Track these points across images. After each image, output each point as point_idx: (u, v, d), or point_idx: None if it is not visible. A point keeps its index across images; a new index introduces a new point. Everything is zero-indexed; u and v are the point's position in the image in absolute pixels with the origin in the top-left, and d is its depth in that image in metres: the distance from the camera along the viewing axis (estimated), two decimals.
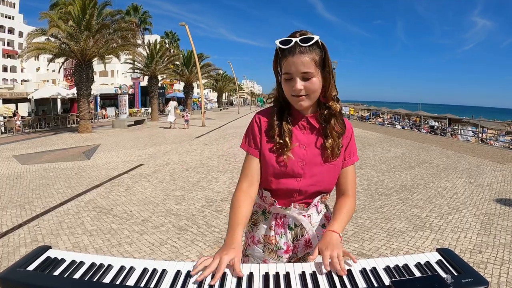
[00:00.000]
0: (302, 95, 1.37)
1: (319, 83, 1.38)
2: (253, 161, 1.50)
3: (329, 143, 1.45)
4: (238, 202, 1.45)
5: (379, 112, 39.04)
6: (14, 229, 4.80)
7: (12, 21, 58.68)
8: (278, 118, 1.48)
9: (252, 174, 1.50)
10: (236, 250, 1.23)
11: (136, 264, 1.16)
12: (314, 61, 1.34)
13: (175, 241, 4.38)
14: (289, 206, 1.50)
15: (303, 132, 1.48)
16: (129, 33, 19.01)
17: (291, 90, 1.37)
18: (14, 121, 20.04)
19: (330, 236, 1.33)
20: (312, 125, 1.48)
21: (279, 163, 1.45)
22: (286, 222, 1.54)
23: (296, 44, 1.33)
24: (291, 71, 1.34)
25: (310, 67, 1.34)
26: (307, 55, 1.33)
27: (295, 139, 1.47)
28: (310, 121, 1.48)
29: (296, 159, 1.45)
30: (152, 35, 55.46)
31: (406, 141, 14.74)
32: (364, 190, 6.74)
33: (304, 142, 1.47)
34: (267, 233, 1.57)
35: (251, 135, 1.53)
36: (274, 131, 1.46)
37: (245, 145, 1.54)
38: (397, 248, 4.12)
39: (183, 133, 17.92)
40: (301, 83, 1.35)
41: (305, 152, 1.46)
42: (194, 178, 7.81)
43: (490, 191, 6.57)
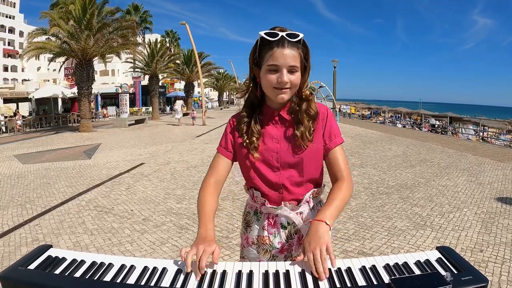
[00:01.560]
0: (286, 88, 1.38)
1: (299, 78, 1.41)
2: (221, 158, 1.56)
3: (299, 129, 1.45)
4: (207, 197, 1.48)
5: (380, 110, 39.02)
6: (15, 228, 4.81)
7: (12, 20, 58.69)
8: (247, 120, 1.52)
9: (219, 170, 1.55)
10: (214, 242, 1.26)
11: (136, 262, 1.16)
12: (300, 56, 1.38)
13: (176, 240, 4.38)
14: (280, 205, 1.50)
15: (276, 127, 1.50)
16: (129, 32, 19.01)
17: (276, 82, 1.37)
18: (15, 121, 20.06)
19: (316, 227, 1.27)
20: (283, 118, 1.49)
21: (253, 162, 1.48)
22: (278, 221, 1.54)
23: (283, 38, 1.35)
24: (279, 63, 1.35)
25: (297, 61, 1.37)
26: (295, 50, 1.36)
27: (267, 135, 1.49)
28: (282, 114, 1.49)
29: (270, 153, 1.47)
30: (152, 34, 55.41)
31: (407, 139, 14.73)
32: (365, 188, 6.74)
33: (276, 136, 1.49)
34: (260, 233, 1.57)
35: (224, 137, 1.58)
36: (242, 130, 1.51)
37: (219, 147, 1.59)
38: (398, 247, 4.12)
39: (184, 132, 17.91)
40: (288, 75, 1.36)
41: (278, 145, 1.47)
42: (195, 177, 7.82)
43: (491, 190, 6.57)
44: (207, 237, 1.28)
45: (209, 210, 1.44)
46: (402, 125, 26.09)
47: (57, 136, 17.01)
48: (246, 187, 1.62)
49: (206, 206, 1.45)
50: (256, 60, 1.44)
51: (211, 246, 1.21)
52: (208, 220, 1.39)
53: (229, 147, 1.55)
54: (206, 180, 1.55)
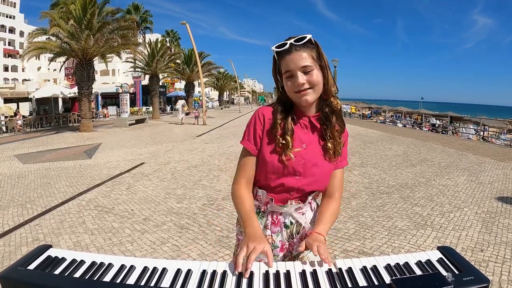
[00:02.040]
0: (306, 89, 1.38)
1: (320, 76, 1.40)
2: (251, 159, 1.52)
3: (331, 142, 1.46)
4: (243, 196, 1.48)
5: (380, 110, 38.98)
6: (15, 228, 4.81)
7: (13, 20, 58.70)
8: (281, 116, 1.47)
9: (250, 172, 1.52)
10: (265, 239, 1.30)
11: (136, 262, 1.16)
12: (311, 56, 1.38)
13: (177, 239, 4.38)
14: (286, 204, 1.51)
15: (304, 131, 1.49)
16: (129, 32, 19.01)
17: (294, 87, 1.38)
18: (16, 121, 20.07)
19: (316, 236, 1.38)
20: (314, 124, 1.48)
21: (280, 162, 1.45)
22: (282, 220, 1.55)
23: (291, 45, 1.38)
24: (290, 68, 1.37)
25: (308, 61, 1.37)
26: (303, 51, 1.37)
27: (297, 138, 1.47)
28: (312, 120, 1.48)
29: (297, 158, 1.45)
30: (153, 34, 55.43)
31: (408, 139, 14.72)
32: (365, 188, 6.73)
33: (305, 141, 1.47)
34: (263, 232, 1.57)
35: (253, 132, 1.51)
36: (276, 129, 1.45)
37: (246, 141, 1.52)
38: (398, 247, 4.12)
39: (184, 132, 17.91)
40: (303, 76, 1.37)
41: (306, 151, 1.47)
42: (195, 176, 7.82)
43: (491, 189, 6.56)
44: (256, 235, 1.31)
45: (250, 207, 1.46)
46: (403, 125, 26.07)
47: (58, 136, 17.01)
48: None
49: (246, 204, 1.46)
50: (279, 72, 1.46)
51: (261, 244, 1.24)
52: (252, 217, 1.42)
53: (257, 142, 1.50)
54: (237, 181, 1.54)
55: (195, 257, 3.88)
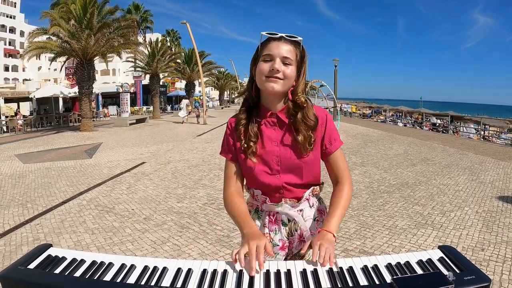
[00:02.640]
0: (278, 77, 1.38)
1: (294, 74, 1.42)
2: (233, 166, 1.55)
3: (301, 136, 1.45)
4: (235, 202, 1.49)
5: (381, 109, 38.97)
6: (16, 227, 4.81)
7: (13, 20, 58.65)
8: (244, 119, 1.50)
9: (234, 178, 1.54)
10: (264, 236, 1.30)
11: (136, 262, 1.15)
12: (295, 53, 1.41)
13: (177, 239, 4.38)
14: (280, 202, 1.51)
15: (274, 129, 1.49)
16: (130, 31, 19.01)
17: (268, 71, 1.38)
18: (16, 120, 20.08)
19: (324, 234, 1.35)
20: (282, 120, 1.48)
21: (251, 166, 1.48)
22: (279, 218, 1.55)
23: (281, 36, 1.40)
24: (272, 52, 1.38)
25: (292, 55, 1.39)
26: (291, 45, 1.40)
27: (266, 137, 1.48)
28: (279, 116, 1.48)
29: (271, 156, 1.47)
30: (153, 33, 55.49)
31: (408, 138, 14.71)
32: (366, 187, 6.73)
33: (276, 139, 1.48)
34: (261, 231, 1.56)
35: (225, 141, 1.57)
36: (239, 132, 1.49)
37: (223, 152, 1.58)
38: (399, 246, 4.11)
39: (185, 131, 17.90)
40: (281, 64, 1.37)
41: (278, 148, 1.47)
42: (196, 176, 7.82)
43: (492, 189, 6.55)
44: (254, 234, 1.30)
45: (244, 210, 1.46)
46: (403, 124, 26.06)
47: (58, 135, 17.02)
48: (246, 186, 1.62)
49: (240, 207, 1.47)
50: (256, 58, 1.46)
51: (261, 240, 1.24)
52: (247, 219, 1.42)
53: (231, 150, 1.54)
54: (226, 191, 1.55)
55: (195, 257, 3.88)
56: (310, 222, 1.56)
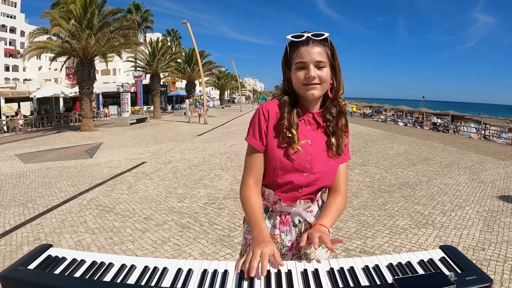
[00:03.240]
0: (315, 83, 1.38)
1: (330, 74, 1.41)
2: (258, 156, 1.48)
3: (335, 140, 1.47)
4: (251, 197, 1.45)
5: (382, 109, 38.98)
6: (17, 227, 4.81)
7: (13, 20, 58.69)
8: (289, 108, 1.45)
9: (258, 170, 1.49)
10: (271, 242, 1.27)
11: (137, 262, 1.15)
12: (326, 53, 1.39)
13: (178, 238, 4.38)
14: (295, 203, 1.50)
15: (308, 128, 1.48)
16: (130, 32, 19.01)
17: (304, 79, 1.38)
18: (17, 120, 20.08)
19: (319, 227, 1.39)
20: (318, 121, 1.49)
21: (288, 157, 1.43)
22: (290, 219, 1.54)
23: (308, 38, 1.38)
24: (305, 59, 1.37)
25: (324, 57, 1.38)
26: (320, 47, 1.38)
27: (302, 133, 1.46)
28: (316, 117, 1.48)
29: (304, 153, 1.44)
30: (154, 33, 55.53)
31: (409, 138, 14.71)
32: (366, 187, 6.72)
33: (309, 137, 1.47)
34: (271, 232, 1.55)
35: (258, 128, 1.47)
36: (284, 121, 1.42)
37: (251, 138, 1.48)
38: (399, 245, 4.11)
39: (185, 131, 17.89)
40: (315, 70, 1.37)
41: (311, 147, 1.46)
42: (196, 175, 7.81)
43: (493, 188, 6.55)
44: (264, 239, 1.29)
45: (259, 209, 1.44)
46: (404, 124, 26.05)
47: (59, 135, 17.03)
48: None
49: (254, 206, 1.44)
50: (288, 63, 1.46)
51: (268, 247, 1.22)
52: (260, 220, 1.40)
53: (262, 138, 1.46)
54: (245, 181, 1.49)
55: (196, 256, 3.88)
56: None
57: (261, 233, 1.33)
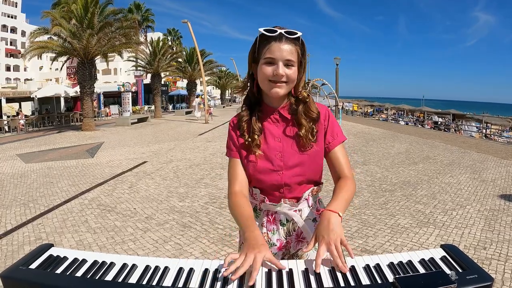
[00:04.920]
0: (282, 81, 1.37)
1: (297, 73, 1.40)
2: (236, 163, 1.51)
3: (302, 130, 1.45)
4: (239, 203, 1.42)
5: (383, 108, 38.92)
6: (18, 227, 4.82)
7: (14, 20, 58.71)
8: (247, 115, 1.50)
9: (241, 176, 1.50)
10: (265, 246, 1.19)
11: (138, 261, 1.15)
12: (296, 51, 1.38)
13: (179, 238, 4.38)
14: (279, 202, 1.50)
15: (277, 125, 1.49)
16: (131, 31, 19.01)
17: (271, 75, 1.37)
18: (18, 120, 20.09)
19: (328, 217, 1.26)
20: (284, 116, 1.48)
21: (253, 160, 1.46)
22: (277, 218, 1.54)
23: (281, 34, 1.36)
24: (275, 56, 1.35)
25: (294, 56, 1.37)
26: (292, 45, 1.37)
27: (269, 133, 1.48)
28: (282, 113, 1.48)
29: (273, 152, 1.46)
30: (154, 32, 55.54)
31: (410, 137, 14.69)
32: (368, 186, 6.72)
33: (278, 135, 1.48)
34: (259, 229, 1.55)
35: (230, 140, 1.55)
36: (243, 128, 1.48)
37: (228, 150, 1.56)
38: (401, 244, 4.11)
39: (187, 130, 17.89)
40: (284, 68, 1.36)
41: (281, 144, 1.46)
42: (197, 175, 7.82)
43: (494, 187, 6.54)
44: (257, 242, 1.20)
45: (248, 212, 1.39)
46: (405, 122, 26.03)
47: (60, 135, 17.05)
48: None
49: (244, 208, 1.39)
50: (255, 56, 1.44)
51: (261, 252, 1.13)
52: (251, 222, 1.33)
53: (236, 146, 1.52)
54: (231, 190, 1.48)
55: (197, 256, 3.88)
56: (308, 223, 1.54)
57: (255, 237, 1.23)
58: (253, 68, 1.47)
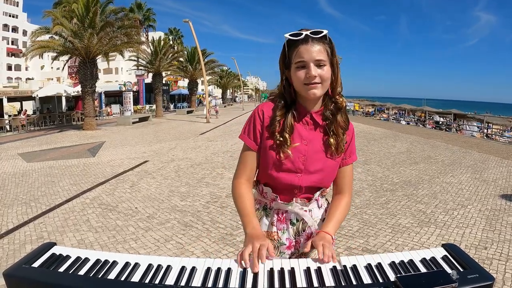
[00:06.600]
0: (316, 82, 1.37)
1: (330, 72, 1.40)
2: (251, 154, 1.51)
3: (334, 139, 1.46)
4: (243, 195, 1.47)
5: (384, 107, 38.85)
6: (20, 226, 4.83)
7: (16, 19, 58.80)
8: (281, 112, 1.46)
9: (251, 168, 1.52)
10: (265, 237, 1.31)
11: (141, 260, 1.16)
12: (325, 51, 1.37)
13: (180, 237, 4.39)
14: (291, 201, 1.50)
15: (306, 128, 1.48)
16: (132, 30, 19.02)
17: (304, 78, 1.37)
18: (20, 119, 20.08)
19: (323, 235, 1.39)
20: (316, 121, 1.47)
21: (279, 159, 1.45)
22: (288, 217, 1.54)
23: (307, 36, 1.36)
24: (304, 58, 1.35)
25: (323, 55, 1.36)
26: (320, 45, 1.36)
27: (298, 134, 1.46)
28: (314, 117, 1.47)
29: (297, 154, 1.45)
30: (156, 32, 55.58)
31: (411, 136, 14.68)
32: (369, 185, 6.72)
33: (306, 138, 1.47)
34: (269, 229, 1.57)
35: (252, 127, 1.51)
36: (275, 126, 1.45)
37: (245, 136, 1.53)
38: (402, 244, 4.11)
39: (188, 129, 17.89)
40: (316, 69, 1.35)
41: (307, 147, 1.46)
42: (199, 174, 7.82)
43: (495, 187, 6.54)
44: (258, 235, 1.32)
45: (250, 207, 1.46)
46: (406, 122, 26.00)
47: (61, 134, 17.07)
48: (255, 182, 1.61)
49: (246, 203, 1.46)
50: (286, 62, 1.44)
51: (265, 241, 1.25)
52: (252, 217, 1.42)
53: (257, 138, 1.49)
54: (237, 176, 1.53)
55: (199, 255, 3.89)
56: (318, 223, 1.56)
57: (255, 229, 1.37)
58: (287, 74, 1.46)
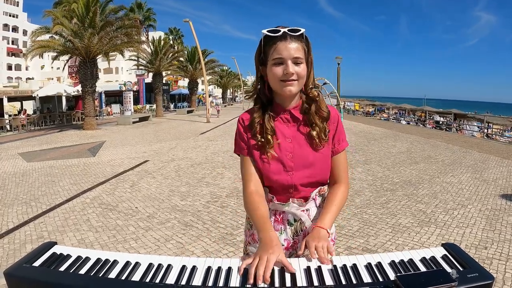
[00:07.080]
0: (293, 79, 1.38)
1: (305, 70, 1.41)
2: (249, 162, 1.51)
3: (315, 130, 1.46)
4: (255, 203, 1.44)
5: (384, 107, 38.86)
6: (20, 226, 4.84)
7: (16, 19, 58.80)
8: (259, 116, 1.49)
9: (254, 174, 1.50)
10: (279, 246, 1.23)
11: (141, 259, 1.16)
12: (303, 48, 1.39)
13: (181, 237, 4.39)
14: (288, 202, 1.50)
15: (288, 126, 1.49)
16: (133, 30, 19.03)
17: (282, 75, 1.38)
18: (20, 119, 20.07)
19: (318, 231, 1.36)
20: (295, 117, 1.48)
21: (265, 160, 1.46)
22: (285, 217, 1.54)
23: (286, 33, 1.37)
24: (283, 55, 1.36)
25: (301, 53, 1.38)
26: (298, 43, 1.38)
27: (280, 133, 1.47)
28: (293, 113, 1.48)
29: (284, 152, 1.46)
30: (156, 31, 55.55)
31: (411, 136, 14.68)
32: (369, 185, 6.72)
33: (289, 135, 1.48)
34: None
35: (239, 138, 1.54)
36: (255, 129, 1.47)
37: (236, 148, 1.56)
38: (402, 244, 4.11)
39: (188, 129, 17.90)
40: (293, 66, 1.37)
41: (292, 144, 1.47)
42: (199, 174, 7.83)
43: (495, 187, 6.54)
44: (272, 242, 1.24)
45: (264, 211, 1.42)
46: (406, 122, 26.00)
47: (62, 134, 17.07)
48: None
49: (260, 208, 1.42)
50: (262, 58, 1.45)
51: (275, 253, 1.17)
52: (266, 222, 1.37)
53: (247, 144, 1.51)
54: (246, 190, 1.49)
55: (199, 254, 3.89)
56: (311, 224, 1.55)
57: (269, 236, 1.29)
58: (262, 71, 1.47)
